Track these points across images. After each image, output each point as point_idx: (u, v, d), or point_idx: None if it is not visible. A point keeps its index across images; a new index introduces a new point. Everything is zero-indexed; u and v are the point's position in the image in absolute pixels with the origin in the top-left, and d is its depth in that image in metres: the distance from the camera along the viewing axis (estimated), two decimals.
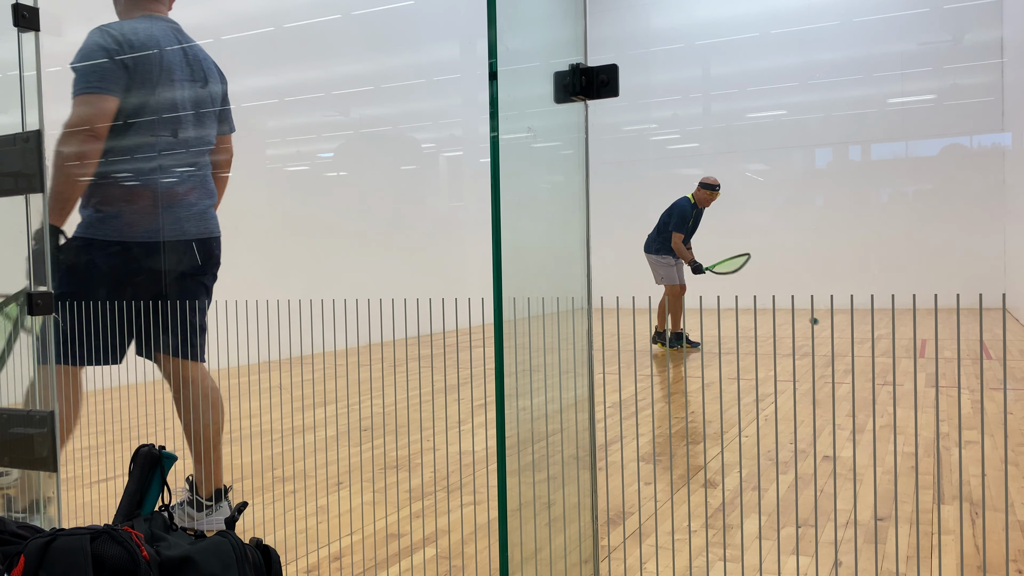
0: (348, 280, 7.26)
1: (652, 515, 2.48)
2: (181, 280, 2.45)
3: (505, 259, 1.30)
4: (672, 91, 12.35)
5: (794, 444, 1.98)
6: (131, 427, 3.75)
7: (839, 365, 5.54)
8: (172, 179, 2.36)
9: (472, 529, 2.37)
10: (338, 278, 7.21)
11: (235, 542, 1.33)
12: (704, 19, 12.13)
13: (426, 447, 3.46)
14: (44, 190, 1.76)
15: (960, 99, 10.64)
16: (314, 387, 4.79)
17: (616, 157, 12.46)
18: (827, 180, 11.62)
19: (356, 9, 8.03)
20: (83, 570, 1.19)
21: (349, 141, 8.10)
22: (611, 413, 4.04)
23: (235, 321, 2.26)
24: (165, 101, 2.34)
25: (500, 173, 1.29)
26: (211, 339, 3.14)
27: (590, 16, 3.00)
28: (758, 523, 2.38)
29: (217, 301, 2.31)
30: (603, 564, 2.08)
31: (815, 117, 11.49)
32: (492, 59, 1.25)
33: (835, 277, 11.06)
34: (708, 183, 6.81)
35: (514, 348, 1.35)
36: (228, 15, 6.72)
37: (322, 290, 3.45)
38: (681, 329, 6.90)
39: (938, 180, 10.87)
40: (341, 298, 3.30)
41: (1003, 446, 3.09)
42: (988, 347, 6.56)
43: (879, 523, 2.38)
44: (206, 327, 2.52)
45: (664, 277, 6.90)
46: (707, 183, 6.82)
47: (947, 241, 10.71)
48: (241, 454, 3.39)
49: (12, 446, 1.79)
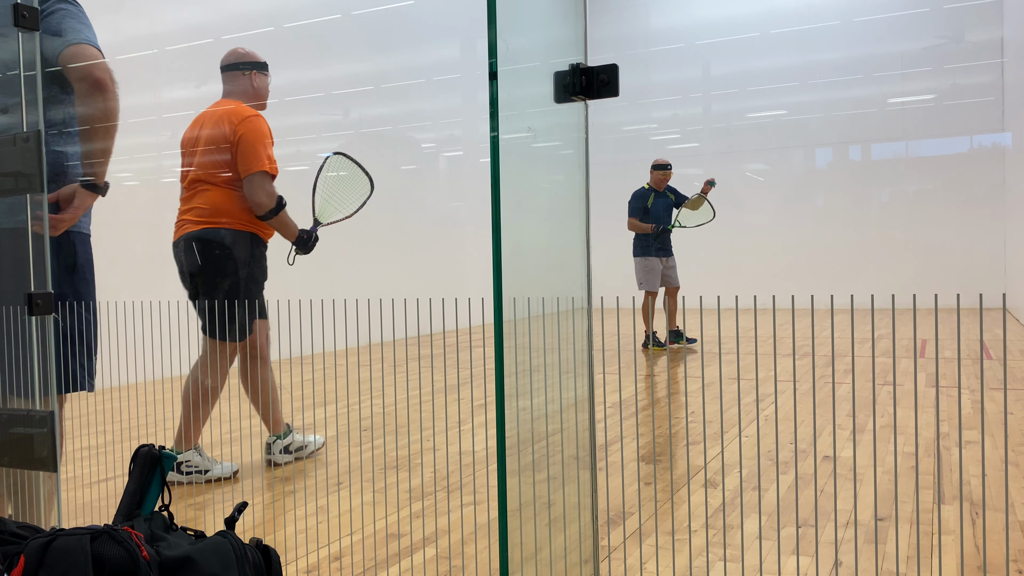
0: (348, 280, 7.26)
1: (652, 515, 2.48)
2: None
3: (505, 259, 1.30)
4: (672, 91, 12.34)
5: (794, 444, 1.98)
6: (131, 427, 3.75)
7: (839, 365, 5.54)
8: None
9: (472, 529, 2.37)
10: (338, 278, 7.21)
11: (235, 542, 1.33)
12: (704, 19, 12.13)
13: (426, 447, 3.46)
14: (44, 190, 1.76)
15: (960, 99, 10.64)
16: (314, 387, 4.78)
17: (616, 157, 12.45)
18: (827, 180, 11.62)
19: (356, 9, 8.03)
20: (83, 570, 1.19)
21: (349, 141, 8.10)
22: (611, 413, 4.04)
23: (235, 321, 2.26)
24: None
25: (500, 173, 1.29)
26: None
27: (590, 16, 3.00)
28: (758, 523, 2.38)
29: (217, 301, 2.30)
30: (603, 564, 2.08)
31: (815, 117, 11.49)
32: (492, 59, 1.25)
33: (835, 277, 11.06)
34: (658, 164, 7.06)
35: (514, 348, 1.35)
36: (228, 15, 6.72)
37: (322, 290, 3.44)
38: (655, 331, 7.01)
39: (938, 180, 10.87)
40: (341, 298, 3.31)
41: (1003, 446, 3.09)
42: (988, 347, 6.55)
43: (879, 523, 2.38)
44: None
45: (644, 282, 7.00)
46: (657, 164, 7.06)
47: (947, 241, 10.70)
48: (241, 454, 3.39)
49: (12, 446, 1.79)
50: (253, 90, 3.18)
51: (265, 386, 3.17)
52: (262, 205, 3.03)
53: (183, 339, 2.74)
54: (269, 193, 3.04)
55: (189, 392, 3.01)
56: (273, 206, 3.05)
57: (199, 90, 6.32)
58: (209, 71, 3.34)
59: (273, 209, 3.05)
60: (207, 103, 3.31)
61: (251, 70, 3.16)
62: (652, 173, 7.05)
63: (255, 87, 3.18)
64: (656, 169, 7.02)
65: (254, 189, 3.03)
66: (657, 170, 7.01)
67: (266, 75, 3.24)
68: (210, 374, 3.00)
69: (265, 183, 3.04)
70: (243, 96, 3.20)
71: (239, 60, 3.18)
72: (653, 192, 7.03)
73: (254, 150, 3.02)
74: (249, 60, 3.18)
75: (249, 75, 3.17)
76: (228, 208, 3.07)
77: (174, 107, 6.13)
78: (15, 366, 1.90)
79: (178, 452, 2.94)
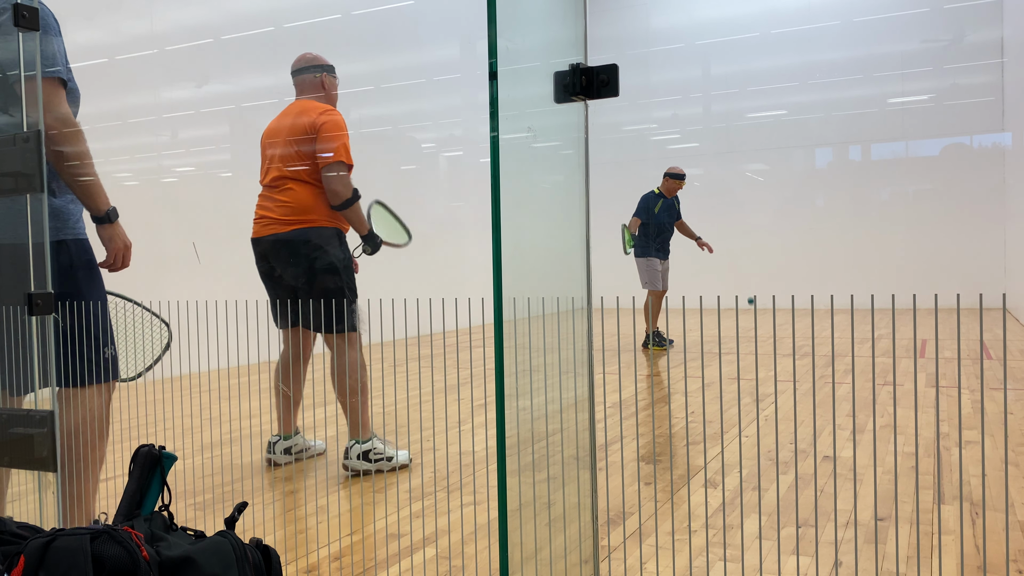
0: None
1: (652, 515, 2.48)
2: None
3: (505, 259, 1.30)
4: (672, 91, 12.34)
5: (794, 444, 1.98)
6: (131, 427, 3.75)
7: (839, 365, 5.54)
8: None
9: (472, 529, 2.37)
10: None
11: (235, 542, 1.33)
12: (704, 19, 12.13)
13: (426, 447, 3.46)
14: (44, 190, 1.76)
15: (960, 99, 10.64)
16: (314, 387, 4.78)
17: (616, 157, 12.45)
18: (827, 180, 11.62)
19: (356, 9, 8.03)
20: (83, 570, 1.19)
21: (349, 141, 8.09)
22: (611, 413, 4.04)
23: (235, 321, 2.27)
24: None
25: (500, 173, 1.29)
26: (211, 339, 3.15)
27: (590, 16, 3.00)
28: (758, 523, 2.38)
29: (217, 301, 2.31)
30: (603, 564, 2.08)
31: (815, 117, 11.48)
32: (492, 59, 1.25)
33: (835, 277, 11.06)
34: (673, 172, 7.12)
35: (514, 348, 1.35)
36: (228, 15, 6.72)
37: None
38: (657, 329, 7.07)
39: (938, 180, 10.87)
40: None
41: (1003, 446, 3.09)
42: (988, 347, 6.55)
43: (879, 523, 2.38)
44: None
45: (648, 282, 7.06)
46: (672, 172, 7.13)
47: (947, 241, 10.70)
48: (241, 454, 3.39)
49: (12, 446, 1.79)
50: (324, 91, 3.33)
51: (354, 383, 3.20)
52: (339, 194, 3.11)
53: (184, 339, 2.75)
54: (346, 183, 3.12)
55: (346, 389, 3.12)
56: (349, 196, 3.12)
57: (199, 90, 6.32)
58: (209, 71, 3.34)
59: (349, 199, 3.13)
60: (207, 103, 3.32)
61: (321, 72, 3.32)
62: (666, 180, 7.12)
63: (326, 88, 3.33)
64: (672, 178, 7.11)
65: (331, 178, 3.12)
66: (672, 179, 7.10)
67: (335, 76, 3.40)
68: (359, 367, 3.15)
69: (343, 173, 3.13)
70: (315, 97, 3.32)
71: (309, 64, 3.33)
72: (662, 198, 7.13)
73: (333, 140, 3.14)
74: (318, 64, 3.34)
75: (320, 77, 3.32)
76: (314, 204, 3.15)
77: (174, 107, 6.13)
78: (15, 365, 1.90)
79: (363, 441, 3.05)
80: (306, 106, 3.25)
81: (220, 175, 6.68)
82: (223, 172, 6.67)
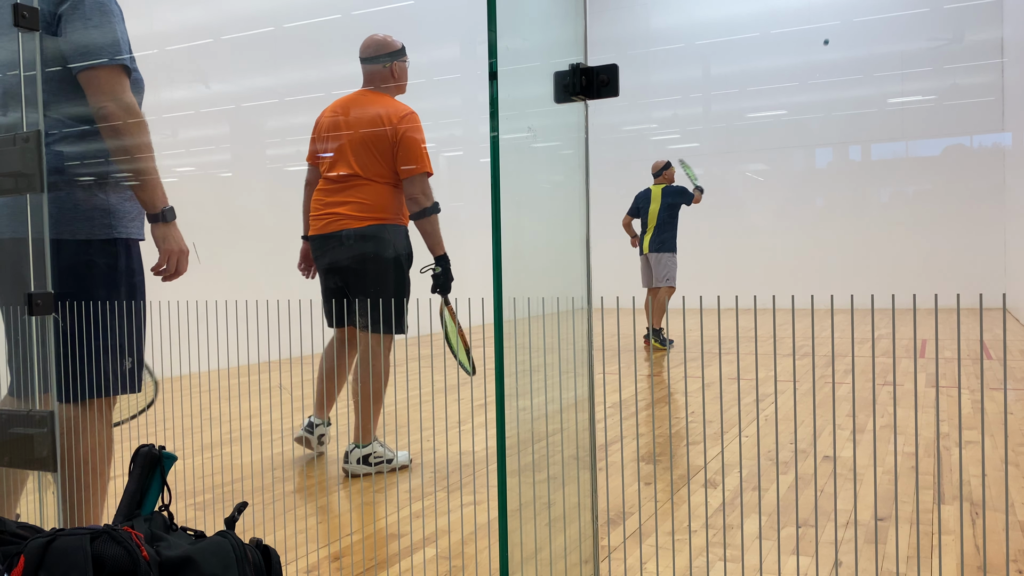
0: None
1: (652, 515, 2.48)
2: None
3: (505, 259, 1.30)
4: (672, 91, 12.34)
5: (794, 444, 1.98)
6: (131, 427, 3.75)
7: (839, 365, 5.54)
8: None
9: (472, 529, 2.37)
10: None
11: (235, 542, 1.33)
12: (704, 19, 12.13)
13: (426, 447, 3.46)
14: (44, 190, 1.76)
15: (960, 99, 10.64)
16: (314, 387, 4.78)
17: (616, 157, 12.45)
18: (827, 180, 11.62)
19: (356, 9, 8.03)
20: (83, 570, 1.19)
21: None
22: (611, 413, 4.04)
23: (235, 321, 2.26)
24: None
25: (500, 173, 1.29)
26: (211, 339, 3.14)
27: (590, 16, 3.00)
28: (758, 523, 2.38)
29: (217, 301, 2.30)
30: (603, 564, 2.08)
31: (815, 117, 11.49)
32: (492, 59, 1.25)
33: (835, 277, 11.06)
34: (661, 167, 7.27)
35: (514, 348, 1.35)
36: (228, 15, 6.72)
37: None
38: (662, 327, 7.09)
39: (938, 180, 10.87)
40: (341, 298, 3.31)
41: (1003, 446, 3.09)
42: (988, 347, 6.55)
43: (879, 523, 2.38)
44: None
45: (670, 278, 7.05)
46: (659, 168, 7.27)
47: (947, 241, 10.70)
48: (241, 454, 3.39)
49: (12, 446, 1.79)
50: (393, 78, 3.29)
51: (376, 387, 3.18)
52: (419, 203, 3.10)
53: (183, 339, 2.74)
54: (427, 194, 3.12)
55: (369, 392, 3.09)
56: (429, 205, 3.11)
57: (199, 90, 6.32)
58: (209, 71, 3.34)
59: (428, 208, 3.12)
60: (207, 103, 3.31)
61: (390, 62, 3.28)
62: (664, 175, 7.23)
63: (395, 76, 3.30)
64: (665, 170, 7.23)
65: (414, 187, 3.10)
66: (666, 170, 7.23)
67: (404, 60, 3.34)
68: (383, 372, 3.14)
69: (425, 183, 3.13)
70: (383, 82, 3.26)
71: (378, 52, 3.27)
72: (677, 189, 7.24)
73: (418, 150, 3.14)
74: (387, 51, 3.28)
75: (389, 67, 3.28)
76: (388, 203, 3.12)
77: (174, 107, 6.13)
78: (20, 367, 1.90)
79: (364, 445, 3.04)
80: (378, 100, 3.19)
81: (220, 175, 6.68)
82: (223, 172, 6.67)
